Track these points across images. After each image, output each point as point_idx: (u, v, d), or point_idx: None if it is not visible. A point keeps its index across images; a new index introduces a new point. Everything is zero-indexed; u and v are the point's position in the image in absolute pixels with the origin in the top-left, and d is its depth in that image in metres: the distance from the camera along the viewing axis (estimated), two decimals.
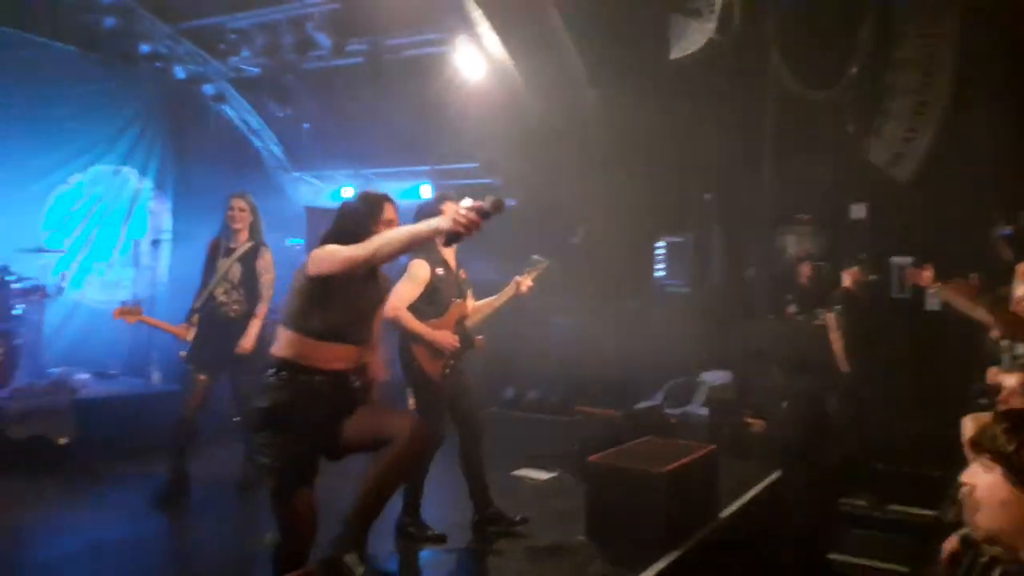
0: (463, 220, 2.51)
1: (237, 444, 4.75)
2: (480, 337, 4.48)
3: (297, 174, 10.34)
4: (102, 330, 7.59)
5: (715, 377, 6.76)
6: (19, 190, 7.07)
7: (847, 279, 6.10)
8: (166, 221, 8.61)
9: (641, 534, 4.03)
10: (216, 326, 4.85)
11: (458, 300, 4.11)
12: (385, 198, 3.10)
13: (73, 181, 7.73)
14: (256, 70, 8.73)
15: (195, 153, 9.00)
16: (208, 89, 9.10)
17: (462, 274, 4.22)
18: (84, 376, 6.39)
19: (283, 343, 2.88)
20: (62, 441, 5.46)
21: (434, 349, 3.94)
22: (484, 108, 8.23)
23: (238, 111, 9.72)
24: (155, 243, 6.51)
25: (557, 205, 9.04)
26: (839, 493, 5.79)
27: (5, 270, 6.07)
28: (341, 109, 9.19)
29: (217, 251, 4.96)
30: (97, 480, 5.11)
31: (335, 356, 2.90)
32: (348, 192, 9.76)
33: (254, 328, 4.84)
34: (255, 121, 9.89)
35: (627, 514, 4.06)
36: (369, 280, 2.99)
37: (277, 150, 10.24)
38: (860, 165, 7.54)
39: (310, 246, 7.82)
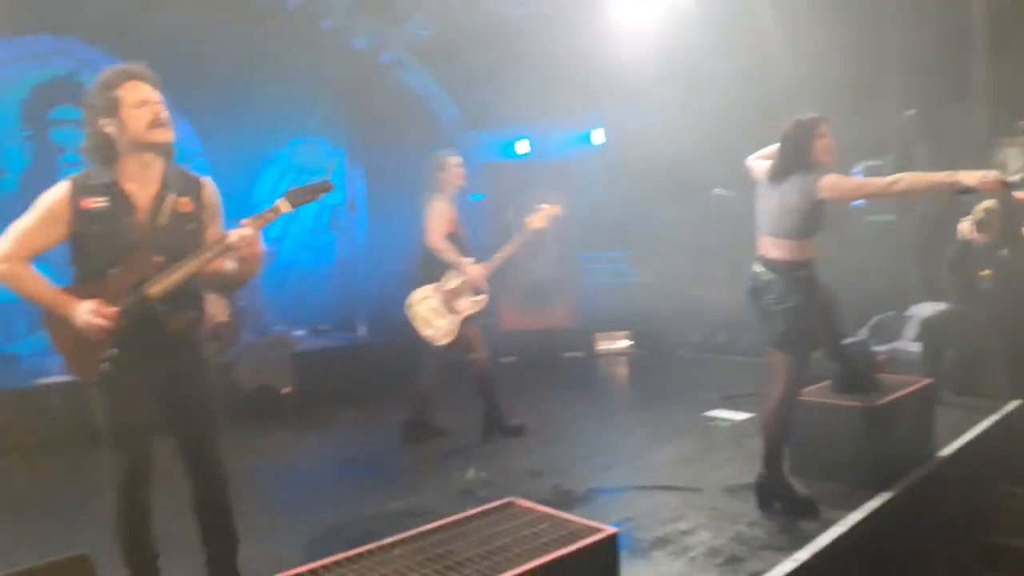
0: None
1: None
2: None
3: (473, 132, 10.58)
4: (313, 291, 8.30)
5: (927, 310, 6.19)
6: (232, 165, 7.76)
7: None
8: (360, 188, 9.17)
9: (852, 473, 3.83)
10: None
11: (143, 250, 2.54)
12: None
13: (276, 154, 8.40)
14: (427, 32, 8.97)
15: (380, 121, 9.45)
16: (385, 58, 9.49)
17: (182, 205, 2.63)
18: (300, 332, 7.04)
19: None
20: (285, 391, 6.06)
21: (72, 330, 2.49)
22: (654, 48, 7.97)
23: (414, 75, 10.07)
24: (351, 207, 6.99)
25: (734, 141, 8.60)
26: None
27: None
28: (511, 62, 9.25)
29: None
30: (315, 425, 5.62)
31: None
32: (523, 145, 9.85)
33: None
34: (430, 84, 10.21)
35: (837, 452, 3.89)
36: None
37: (452, 110, 10.52)
38: None
39: (491, 201, 8.11)
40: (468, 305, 4.95)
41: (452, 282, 4.93)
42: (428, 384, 5.07)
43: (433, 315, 4.89)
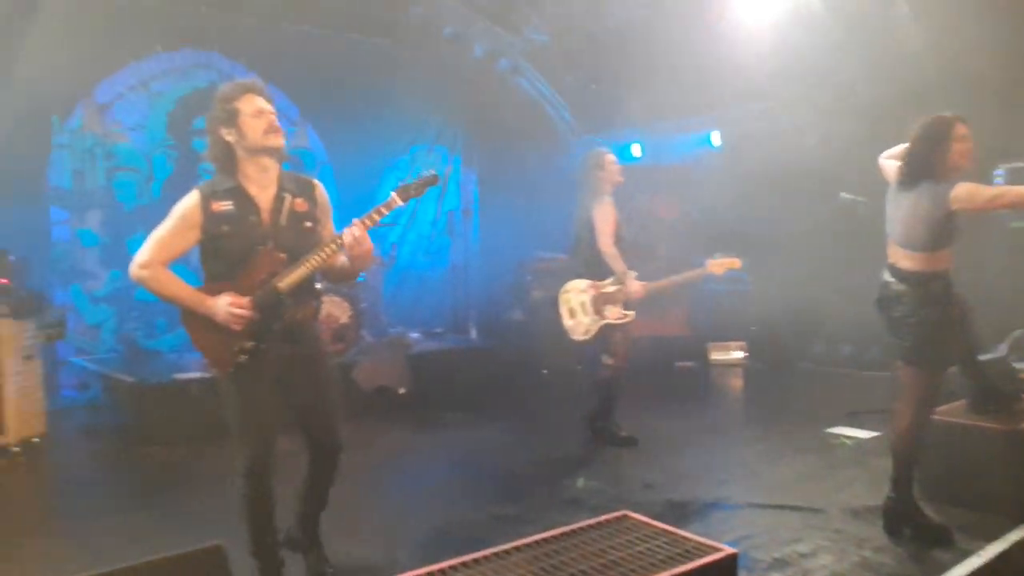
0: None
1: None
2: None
3: (587, 137, 10.55)
4: (429, 294, 8.52)
5: None
6: (356, 172, 8.05)
7: None
8: (473, 193, 9.33)
9: (990, 501, 3.59)
10: None
11: (269, 247, 2.78)
12: None
13: (398, 161, 8.67)
14: (544, 38, 9.01)
15: (495, 127, 9.58)
16: (504, 64, 9.60)
17: (298, 205, 2.86)
18: (416, 335, 7.25)
19: None
20: (401, 391, 6.25)
21: (213, 324, 2.74)
22: (776, 45, 7.70)
23: (531, 81, 10.14)
24: (466, 213, 7.15)
25: (862, 142, 8.19)
26: None
27: None
28: (627, 66, 9.16)
29: None
30: (428, 426, 5.77)
31: None
32: (636, 149, 9.74)
33: None
34: (546, 89, 10.25)
35: (974, 477, 3.67)
36: None
37: (567, 115, 10.53)
38: None
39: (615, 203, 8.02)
40: (615, 314, 4.99)
41: (610, 287, 4.99)
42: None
43: (580, 309, 5.01)
